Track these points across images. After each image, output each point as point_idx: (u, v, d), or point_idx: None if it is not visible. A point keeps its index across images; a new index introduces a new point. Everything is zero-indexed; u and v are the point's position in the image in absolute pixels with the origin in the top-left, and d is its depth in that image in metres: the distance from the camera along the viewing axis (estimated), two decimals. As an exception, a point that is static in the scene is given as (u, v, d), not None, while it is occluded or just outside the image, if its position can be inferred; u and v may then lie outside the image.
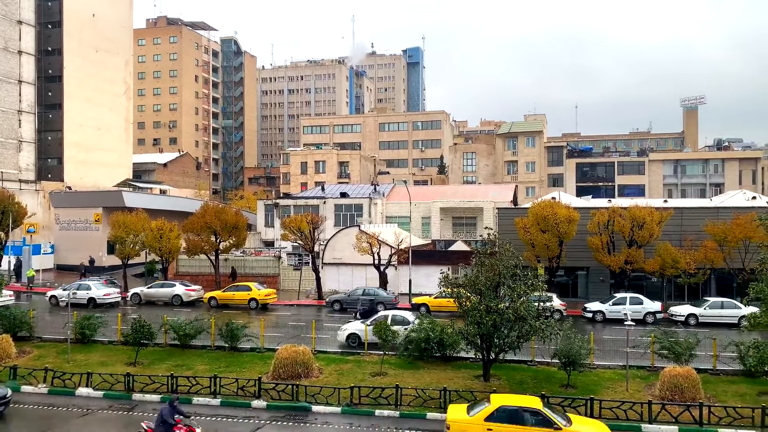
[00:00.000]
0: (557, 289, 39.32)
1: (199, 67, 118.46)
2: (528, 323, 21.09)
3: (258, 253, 52.67)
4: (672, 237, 38.39)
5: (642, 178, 78.51)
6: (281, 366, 22.46)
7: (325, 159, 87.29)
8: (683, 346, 22.27)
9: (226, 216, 43.78)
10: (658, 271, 37.54)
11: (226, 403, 20.76)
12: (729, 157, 77.92)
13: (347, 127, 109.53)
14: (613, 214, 37.95)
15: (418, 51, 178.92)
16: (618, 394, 20.86)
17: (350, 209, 58.01)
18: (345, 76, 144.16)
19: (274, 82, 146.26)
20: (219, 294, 40.04)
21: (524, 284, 21.63)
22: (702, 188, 76.58)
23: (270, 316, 36.66)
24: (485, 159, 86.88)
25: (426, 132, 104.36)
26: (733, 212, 38.04)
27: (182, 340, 26.87)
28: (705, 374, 22.31)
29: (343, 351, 26.33)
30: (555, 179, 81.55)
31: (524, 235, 38.26)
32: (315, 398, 20.58)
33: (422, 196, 61.55)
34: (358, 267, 44.91)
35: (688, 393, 19.73)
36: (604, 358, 25.11)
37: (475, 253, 22.98)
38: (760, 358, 20.06)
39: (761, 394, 20.78)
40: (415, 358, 24.43)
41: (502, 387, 21.39)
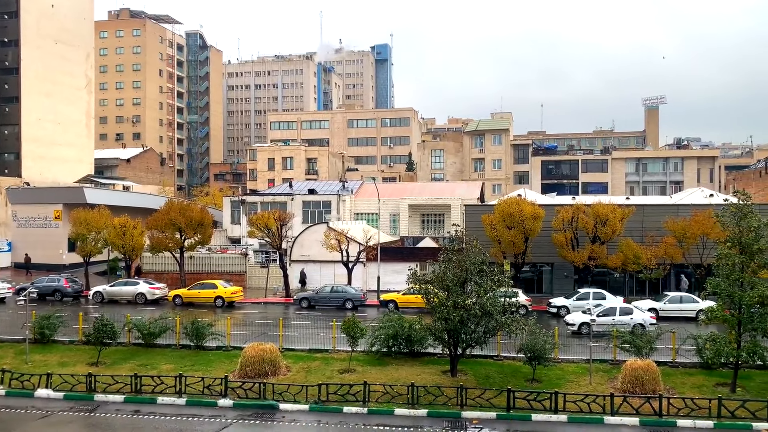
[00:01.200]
0: (523, 284, 39.92)
1: (163, 61, 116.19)
2: (494, 318, 21.36)
3: (224, 250, 52.04)
4: (634, 233, 39.31)
5: (605, 175, 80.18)
6: (248, 364, 22.26)
7: (292, 155, 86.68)
8: (644, 340, 22.84)
9: (191, 213, 43.13)
10: (621, 267, 38.41)
11: (191, 403, 20.48)
12: (688, 156, 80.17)
13: (315, 123, 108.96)
14: (577, 211, 38.66)
15: (387, 48, 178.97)
16: (582, 387, 21.30)
17: (318, 206, 57.77)
18: (313, 71, 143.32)
19: (240, 77, 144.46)
20: (184, 292, 39.44)
21: (491, 280, 21.89)
22: (662, 186, 78.63)
23: (237, 314, 36.28)
24: (453, 156, 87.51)
25: (394, 129, 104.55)
26: (692, 209, 39.14)
27: (146, 339, 26.39)
28: (665, 367, 22.95)
29: (311, 349, 26.24)
30: (521, 176, 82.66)
31: (491, 232, 38.70)
32: (282, 396, 20.47)
33: (391, 193, 61.67)
34: (326, 264, 44.77)
35: (649, 385, 20.26)
36: (568, 352, 25.59)
37: (443, 250, 23.15)
38: (717, 351, 20.69)
39: (718, 385, 21.49)
40: (383, 354, 24.51)
41: (469, 382, 21.63)
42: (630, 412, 19.12)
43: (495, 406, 19.59)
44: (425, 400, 19.94)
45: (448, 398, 19.96)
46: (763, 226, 20.56)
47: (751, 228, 20.45)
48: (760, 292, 19.85)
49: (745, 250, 20.49)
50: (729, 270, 20.56)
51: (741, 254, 20.54)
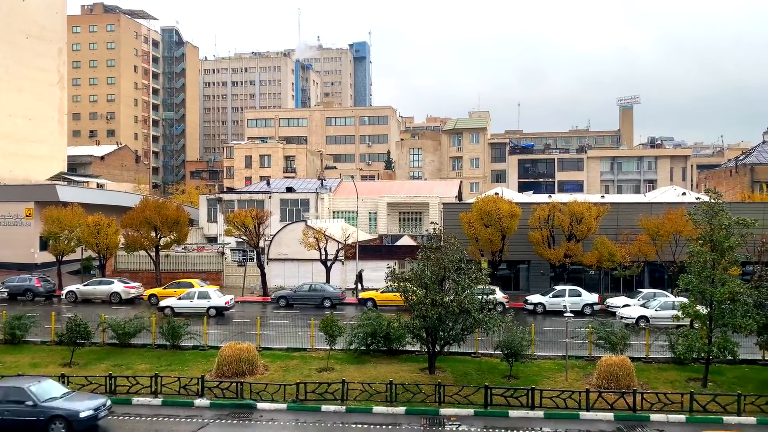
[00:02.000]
0: (500, 282, 40.24)
1: (138, 57, 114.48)
2: (472, 316, 21.49)
3: (200, 249, 51.57)
4: (609, 231, 39.87)
5: (581, 174, 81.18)
6: (225, 363, 22.09)
7: (270, 153, 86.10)
8: (619, 336, 23.21)
9: (167, 211, 42.65)
10: (596, 264, 38.93)
11: (167, 403, 20.25)
12: (662, 155, 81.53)
13: (293, 120, 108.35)
14: (553, 210, 39.09)
15: (365, 46, 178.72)
16: (558, 383, 21.55)
17: (296, 204, 57.53)
18: (291, 69, 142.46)
19: (217, 73, 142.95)
20: (160, 291, 38.97)
21: (468, 278, 22.02)
22: (637, 184, 79.86)
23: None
24: (431, 155, 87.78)
25: (373, 127, 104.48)
26: (665, 207, 39.81)
27: (121, 338, 26.03)
28: (639, 362, 23.33)
29: (288, 347, 26.14)
30: (498, 175, 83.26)
31: (469, 230, 38.93)
32: (260, 395, 20.35)
33: (369, 191, 61.65)
34: (304, 262, 44.61)
35: (623, 381, 20.57)
36: (544, 348, 25.89)
37: (421, 248, 23.22)
38: (689, 346, 21.09)
39: (689, 380, 21.92)
40: (361, 352, 24.52)
41: (447, 379, 21.75)
42: (605, 408, 19.41)
43: (473, 402, 19.73)
44: (403, 398, 19.99)
45: (426, 395, 20.04)
46: (733, 224, 21.01)
47: (722, 226, 20.88)
48: (730, 288, 20.28)
49: (716, 247, 20.91)
50: (701, 267, 20.96)
51: (712, 251, 20.95)
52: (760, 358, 24.11)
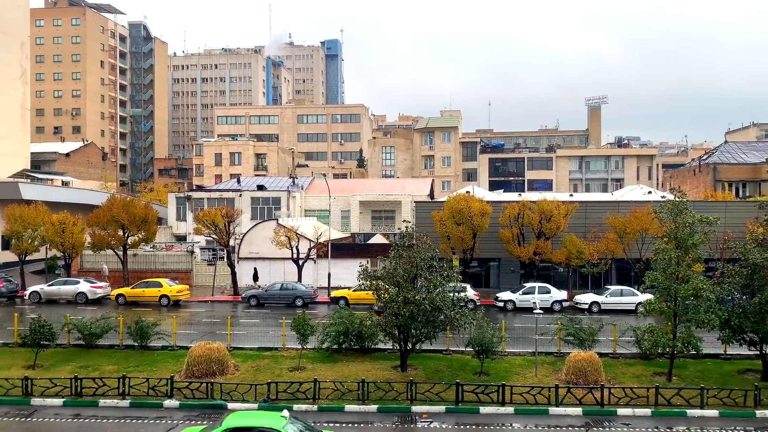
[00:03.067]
0: (471, 279, 40.57)
1: (105, 52, 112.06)
2: (444, 313, 21.61)
3: (169, 247, 50.81)
4: (577, 229, 40.53)
5: (550, 173, 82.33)
6: (195, 364, 21.80)
7: (240, 150, 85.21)
8: (587, 333, 23.60)
9: (135, 209, 41.92)
10: (565, 262, 39.54)
11: (135, 404, 19.90)
12: (628, 154, 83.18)
13: (264, 118, 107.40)
14: (523, 208, 39.57)
15: (337, 43, 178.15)
16: (528, 379, 21.82)
17: (268, 202, 57.07)
18: (261, 66, 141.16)
19: (186, 70, 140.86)
20: (127, 291, 38.32)
21: (440, 275, 22.14)
22: (604, 183, 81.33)
23: (183, 312, 35.50)
24: (403, 153, 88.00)
25: (345, 125, 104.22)
26: (632, 206, 40.63)
27: (87, 339, 25.48)
28: (606, 358, 23.77)
29: (260, 347, 25.94)
30: (469, 173, 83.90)
31: (440, 228, 39.16)
32: (231, 395, 20.14)
33: (342, 190, 61.52)
34: (275, 261, 44.31)
35: (591, 376, 20.94)
36: (515, 345, 26.19)
37: (394, 246, 23.26)
38: (654, 342, 21.55)
39: (655, 374, 22.43)
40: (333, 351, 24.47)
41: (419, 377, 21.84)
42: (574, 403, 19.72)
43: (444, 399, 19.85)
44: (375, 396, 20.01)
45: (398, 393, 20.10)
46: (696, 223, 21.54)
47: (686, 224, 21.39)
48: (694, 284, 20.78)
49: (681, 244, 21.42)
50: (666, 264, 21.44)
51: (677, 249, 21.46)
52: (721, 352, 24.81)
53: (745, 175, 55.30)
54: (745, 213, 38.66)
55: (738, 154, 59.41)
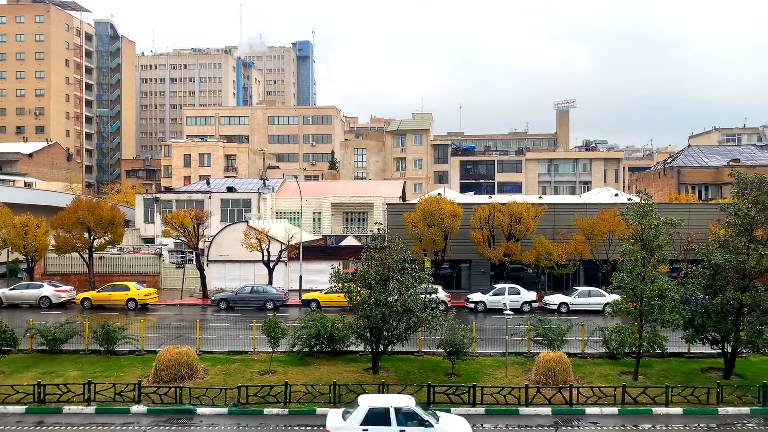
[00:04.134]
0: (442, 281, 40.83)
1: (70, 50, 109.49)
2: (415, 315, 21.69)
3: (137, 250, 49.90)
4: (546, 231, 41.11)
5: (519, 175, 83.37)
6: (163, 368, 21.44)
7: (210, 152, 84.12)
8: (556, 333, 23.94)
9: (101, 211, 41.07)
10: (534, 263, 40.07)
11: (102, 410, 19.47)
12: (596, 157, 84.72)
13: (234, 119, 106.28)
14: (493, 210, 39.98)
15: (308, 45, 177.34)
16: (498, 380, 22.02)
17: (238, 204, 56.48)
18: (232, 66, 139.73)
19: (154, 69, 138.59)
20: (93, 294, 37.49)
21: (412, 277, 22.21)
22: (572, 185, 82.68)
23: (151, 316, 34.89)
24: (375, 155, 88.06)
25: (317, 127, 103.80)
26: (599, 208, 41.41)
27: (51, 345, 24.85)
28: (575, 358, 24.15)
29: (230, 351, 25.64)
30: (441, 176, 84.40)
31: (412, 230, 39.31)
32: (200, 400, 19.85)
33: (313, 192, 61.24)
34: (246, 264, 43.88)
35: (560, 376, 21.25)
36: (485, 346, 26.42)
37: (366, 248, 23.25)
38: (621, 342, 21.97)
39: (622, 373, 22.87)
40: (305, 354, 24.33)
41: (391, 378, 21.86)
42: (543, 403, 19.98)
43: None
44: (347, 398, 19.93)
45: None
46: (661, 224, 22.05)
47: (651, 225, 21.88)
48: (659, 285, 21.28)
49: (647, 246, 21.90)
50: (632, 265, 21.89)
51: (643, 250, 21.93)
52: (686, 351, 25.43)
53: (707, 178, 56.80)
54: (708, 215, 39.76)
55: (701, 158, 61.02)
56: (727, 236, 22.28)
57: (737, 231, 21.98)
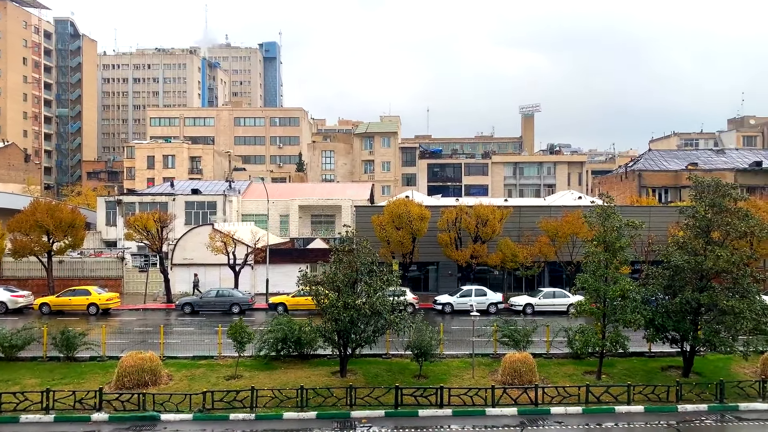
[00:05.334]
0: (410, 283, 40.97)
1: (28, 48, 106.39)
2: (383, 317, 21.70)
3: (98, 254, 48.71)
4: (512, 233, 41.65)
5: (486, 178, 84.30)
6: (126, 374, 20.97)
7: (174, 153, 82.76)
8: (521, 334, 24.25)
9: (61, 213, 39.97)
10: (500, 265, 40.54)
11: (61, 419, 18.92)
12: (560, 161, 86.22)
13: (199, 120, 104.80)
14: (460, 212, 40.33)
15: (275, 46, 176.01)
16: (465, 381, 22.19)
17: (203, 207, 55.67)
18: (197, 66, 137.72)
19: (117, 69, 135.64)
20: (52, 299, 36.45)
21: (380, 280, 22.22)
22: (537, 188, 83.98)
23: (113, 321, 34.11)
24: (343, 157, 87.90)
25: (284, 128, 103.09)
26: (563, 210, 42.13)
27: (7, 352, 24.06)
28: (540, 358, 24.51)
29: (195, 356, 25.23)
30: (409, 178, 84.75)
31: (380, 233, 39.35)
32: (164, 406, 19.47)
33: (280, 194, 60.78)
34: (211, 267, 43.29)
35: (526, 376, 21.54)
36: (452, 347, 26.59)
37: (334, 251, 23.18)
38: (585, 342, 22.40)
39: (586, 373, 23.30)
40: (272, 358, 24.10)
41: (358, 381, 21.82)
42: (509, 403, 20.21)
43: (383, 404, 19.90)
44: (315, 402, 19.84)
45: (337, 399, 20.01)
46: (623, 226, 22.57)
47: (613, 228, 22.37)
48: (621, 286, 21.76)
49: (609, 247, 22.37)
50: (595, 266, 22.34)
51: (605, 252, 22.40)
52: (647, 351, 26.06)
53: (667, 182, 58.33)
54: (668, 217, 40.85)
55: (661, 162, 62.64)
56: (686, 238, 22.91)
57: (695, 233, 22.64)
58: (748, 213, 22.38)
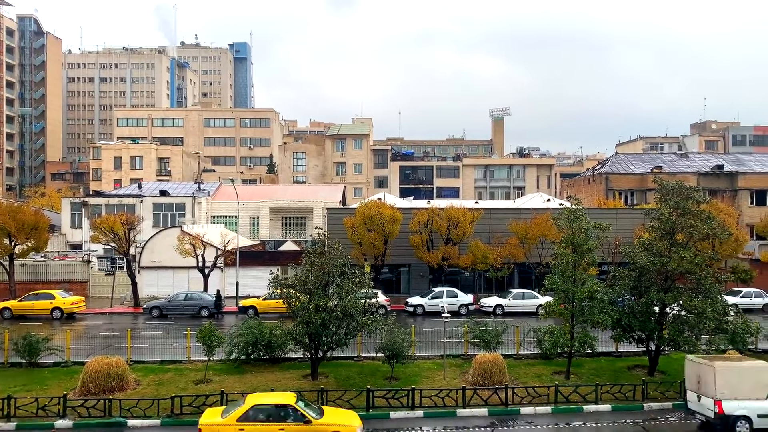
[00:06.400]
0: (382, 285, 40.98)
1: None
2: (355, 320, 21.68)
3: (63, 257, 47.62)
4: (482, 235, 42.02)
5: (457, 181, 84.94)
6: (91, 380, 20.50)
7: (142, 154, 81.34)
8: (492, 335, 24.47)
9: (23, 216, 38.89)
10: (471, 266, 40.85)
11: (23, 426, 18.42)
12: (529, 164, 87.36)
13: (168, 120, 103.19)
14: (432, 215, 40.54)
15: (246, 46, 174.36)
16: (437, 382, 22.29)
17: (171, 209, 54.83)
18: (166, 66, 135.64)
19: (83, 68, 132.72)
20: (14, 304, 35.50)
21: (352, 282, 22.19)
22: (507, 191, 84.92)
23: (78, 326, 33.35)
24: (315, 159, 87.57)
25: (255, 130, 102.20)
26: (532, 213, 42.68)
27: (-34, 358, 23.31)
28: (510, 359, 24.77)
29: (163, 360, 24.81)
30: (381, 181, 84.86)
31: (352, 235, 39.29)
32: (131, 412, 19.11)
33: (251, 196, 60.21)
34: (180, 270, 42.67)
35: (496, 377, 21.73)
36: (424, 349, 26.69)
37: (305, 253, 23.07)
38: (554, 342, 22.72)
39: (555, 373, 23.63)
40: (242, 362, 23.85)
41: (330, 384, 21.74)
42: (480, 404, 20.38)
43: (355, 406, 19.85)
44: (286, 406, 19.67)
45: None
46: (591, 228, 22.97)
47: (581, 230, 22.75)
48: (589, 287, 22.14)
49: (577, 249, 22.75)
50: (564, 268, 22.68)
51: (574, 253, 22.76)
52: (614, 350, 26.56)
53: (633, 185, 59.56)
54: (634, 219, 41.72)
55: (627, 165, 63.93)
56: (651, 240, 23.41)
57: (660, 235, 23.16)
58: (710, 215, 22.98)
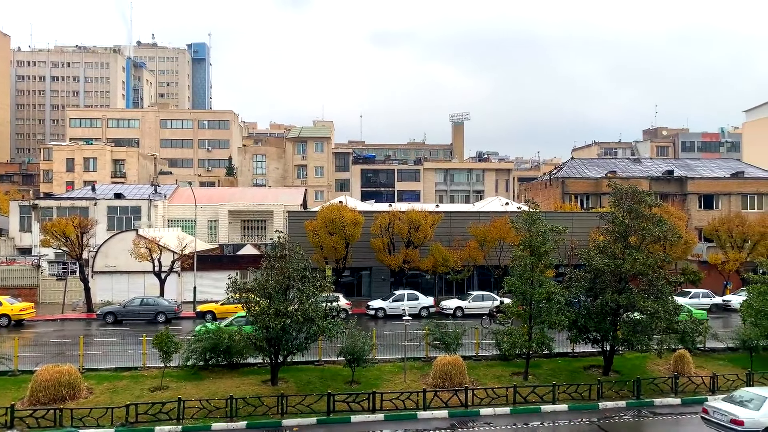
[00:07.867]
0: (343, 289, 40.88)
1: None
2: (316, 324, 21.52)
3: (11, 261, 45.86)
4: (443, 238, 42.37)
5: (418, 184, 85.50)
6: (41, 389, 19.77)
7: (96, 156, 79.05)
8: (452, 337, 24.64)
9: (-31, 219, 37.33)
10: (432, 269, 41.14)
11: (-33, 440, 17.64)
12: (488, 168, 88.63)
13: (123, 121, 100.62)
14: (393, 218, 40.68)
15: (204, 47, 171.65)
16: (398, 385, 22.33)
17: (126, 212, 53.50)
18: (121, 66, 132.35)
19: (33, 66, 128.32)
20: (-42, 311, 33.95)
21: (313, 286, 22.03)
22: (467, 194, 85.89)
23: (27, 333, 32.16)
24: (276, 162, 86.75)
25: (213, 131, 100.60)
26: (491, 216, 43.28)
27: None
28: (470, 361, 25.01)
29: (117, 367, 24.13)
30: (342, 184, 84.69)
31: (313, 238, 39.08)
32: (83, 421, 18.50)
33: (209, 199, 59.27)
34: (135, 275, 41.66)
35: (456, 379, 21.92)
36: (385, 352, 26.71)
37: (266, 257, 22.80)
38: (513, 343, 23.05)
39: (513, 374, 23.98)
40: (200, 368, 23.40)
41: (290, 389, 21.54)
42: (440, 406, 20.50)
43: (315, 411, 19.74)
44: (245, 412, 19.42)
45: (268, 408, 19.66)
46: (548, 231, 23.44)
47: (539, 233, 23.20)
48: (546, 289, 22.58)
49: (535, 252, 23.17)
50: (522, 270, 23.06)
51: (531, 256, 23.18)
52: (570, 351, 27.12)
53: (588, 189, 60.99)
54: (589, 223, 42.74)
55: (582, 170, 65.47)
56: (606, 242, 24.03)
57: (614, 237, 23.80)
58: (661, 218, 23.73)
